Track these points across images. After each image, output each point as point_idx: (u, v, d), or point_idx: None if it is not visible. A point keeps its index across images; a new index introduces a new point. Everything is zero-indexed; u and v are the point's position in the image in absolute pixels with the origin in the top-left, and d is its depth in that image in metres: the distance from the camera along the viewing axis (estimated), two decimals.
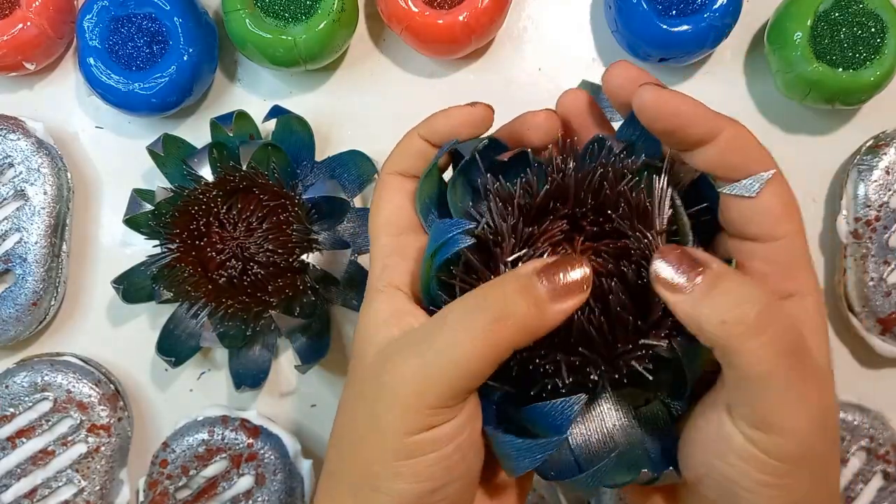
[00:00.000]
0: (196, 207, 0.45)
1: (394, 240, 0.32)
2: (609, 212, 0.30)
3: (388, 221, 0.32)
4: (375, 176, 0.51)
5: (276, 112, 0.49)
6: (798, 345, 0.27)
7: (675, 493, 0.32)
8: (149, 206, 0.48)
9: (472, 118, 0.33)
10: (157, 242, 0.47)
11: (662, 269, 0.27)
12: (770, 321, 0.26)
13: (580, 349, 0.28)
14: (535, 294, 0.27)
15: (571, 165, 0.30)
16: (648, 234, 0.29)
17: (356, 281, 0.49)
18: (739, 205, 0.29)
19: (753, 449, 0.27)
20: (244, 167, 0.46)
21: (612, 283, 0.28)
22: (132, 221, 0.48)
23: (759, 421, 0.27)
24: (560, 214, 0.30)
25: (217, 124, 0.48)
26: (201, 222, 0.45)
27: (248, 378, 0.48)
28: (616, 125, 0.33)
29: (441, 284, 0.31)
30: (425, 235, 0.33)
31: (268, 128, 0.50)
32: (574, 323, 0.28)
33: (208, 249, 0.45)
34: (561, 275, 0.27)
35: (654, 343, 0.28)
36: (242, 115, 0.48)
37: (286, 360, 0.52)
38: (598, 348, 0.28)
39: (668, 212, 0.29)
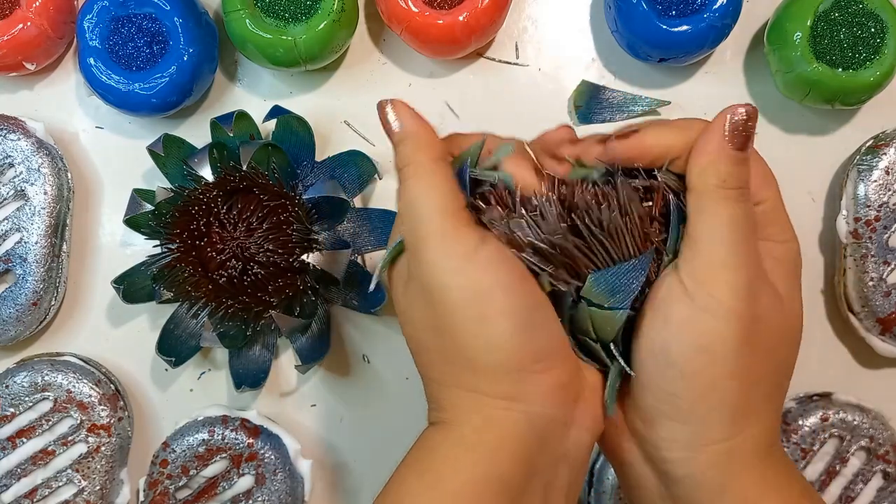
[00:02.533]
0: (196, 207, 0.45)
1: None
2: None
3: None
4: (376, 176, 0.51)
5: (276, 112, 0.49)
6: (755, 234, 0.32)
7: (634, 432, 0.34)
8: (149, 206, 0.48)
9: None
10: (157, 242, 0.47)
11: (736, 119, 0.32)
12: (750, 208, 0.32)
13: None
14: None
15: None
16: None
17: (356, 281, 0.49)
18: None
19: (689, 308, 0.31)
20: (244, 167, 0.46)
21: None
22: (132, 221, 0.48)
23: (701, 270, 0.31)
24: None
25: (217, 124, 0.48)
26: (201, 222, 0.45)
27: (248, 378, 0.48)
28: (610, 125, 0.38)
29: None
30: None
31: (268, 128, 0.50)
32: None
33: (208, 249, 0.45)
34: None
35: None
36: (242, 116, 0.48)
37: (286, 360, 0.52)
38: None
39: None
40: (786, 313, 0.33)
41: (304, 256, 0.46)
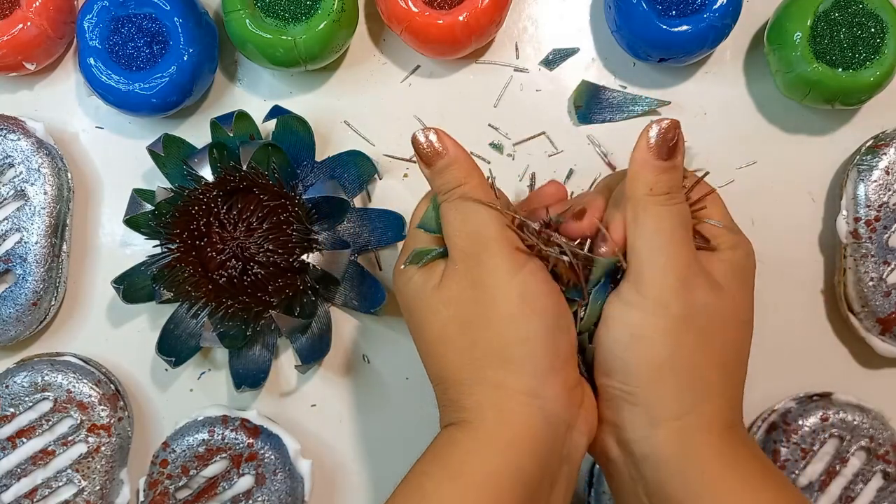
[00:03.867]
0: (196, 207, 0.45)
1: None
2: None
3: None
4: (376, 176, 0.51)
5: (276, 112, 0.49)
6: (686, 231, 0.36)
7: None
8: (149, 206, 0.48)
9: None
10: (157, 242, 0.47)
11: (653, 133, 0.37)
12: (682, 211, 0.36)
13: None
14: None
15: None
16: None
17: (356, 281, 0.49)
18: None
19: (626, 300, 0.36)
20: (244, 167, 0.46)
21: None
22: (132, 221, 0.48)
23: (633, 271, 0.36)
24: None
25: (217, 124, 0.48)
26: (201, 222, 0.45)
27: (248, 378, 0.48)
28: (610, 124, 0.41)
29: None
30: None
31: (268, 128, 0.50)
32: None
33: (208, 249, 0.45)
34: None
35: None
36: (242, 116, 0.48)
37: (286, 360, 0.52)
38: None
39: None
40: (726, 301, 0.36)
41: (304, 256, 0.46)
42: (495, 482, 0.33)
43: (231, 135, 0.48)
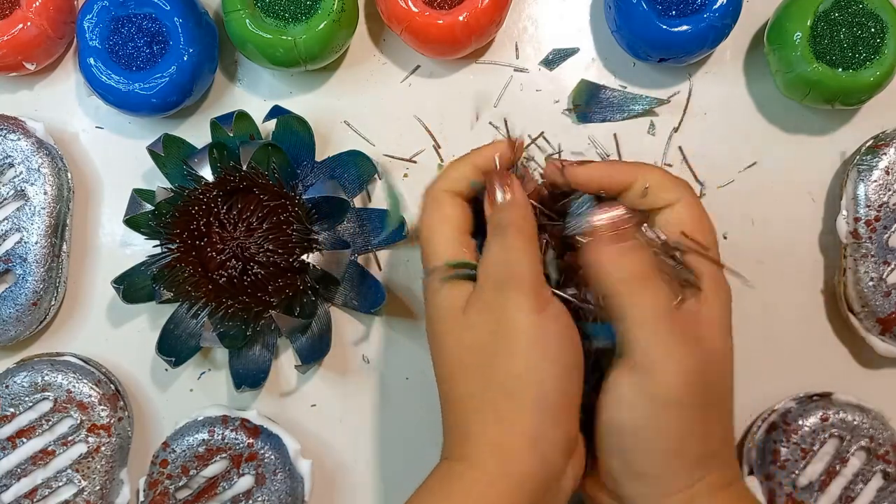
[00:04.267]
0: (196, 207, 0.45)
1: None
2: None
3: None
4: (376, 176, 0.51)
5: (276, 112, 0.49)
6: (671, 310, 0.36)
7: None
8: (149, 207, 0.48)
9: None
10: (157, 242, 0.47)
11: (602, 223, 0.38)
12: (657, 284, 0.36)
13: None
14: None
15: None
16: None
17: (356, 281, 0.49)
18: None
19: (633, 392, 0.35)
20: (244, 167, 0.46)
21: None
22: (132, 222, 0.48)
23: (637, 363, 0.35)
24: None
25: (217, 124, 0.48)
26: (201, 222, 0.45)
27: (248, 378, 0.48)
28: (610, 124, 0.42)
29: None
30: None
31: (268, 128, 0.50)
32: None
33: (208, 249, 0.45)
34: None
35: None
36: (242, 116, 0.48)
37: (286, 360, 0.52)
38: None
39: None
40: (720, 363, 0.37)
41: (304, 256, 0.47)
42: None
43: (231, 135, 0.48)
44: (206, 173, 0.48)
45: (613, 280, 0.36)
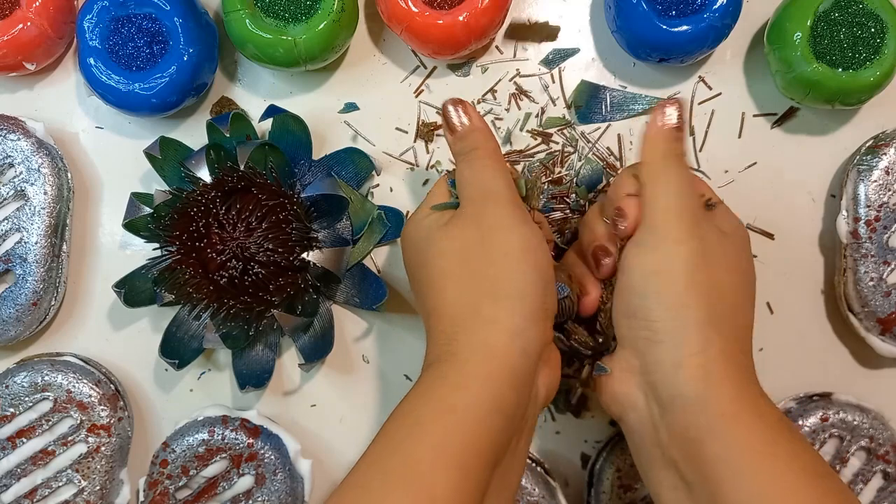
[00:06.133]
0: (195, 209, 0.45)
1: None
2: None
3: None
4: (374, 172, 0.51)
5: (272, 111, 0.49)
6: (694, 189, 0.40)
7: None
8: (148, 210, 0.48)
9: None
10: (157, 245, 0.47)
11: (666, 110, 0.41)
12: (686, 165, 0.41)
13: None
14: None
15: None
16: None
17: (357, 278, 0.49)
18: None
19: (639, 249, 0.39)
20: (242, 167, 0.46)
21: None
22: (131, 225, 0.48)
23: (650, 221, 0.39)
24: None
25: (214, 126, 0.48)
26: (201, 224, 0.45)
27: (253, 378, 0.48)
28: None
29: None
30: None
31: (264, 128, 0.50)
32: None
33: (208, 251, 0.45)
34: None
35: None
36: (238, 117, 0.48)
37: (287, 360, 0.52)
38: None
39: None
40: (732, 246, 0.40)
41: (304, 255, 0.47)
42: (478, 411, 0.35)
43: (228, 135, 0.48)
44: (204, 174, 0.48)
45: (659, 155, 0.40)
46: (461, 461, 0.34)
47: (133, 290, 0.48)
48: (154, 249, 0.47)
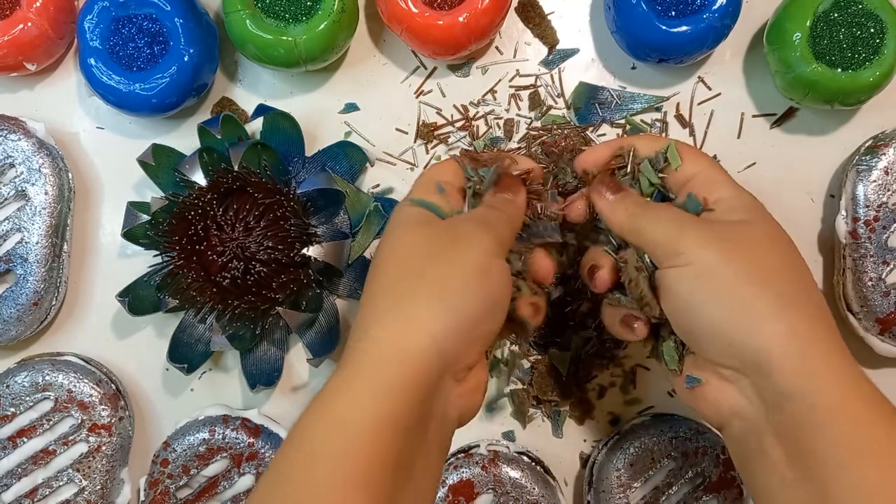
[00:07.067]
0: (192, 213, 0.45)
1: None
2: None
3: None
4: (368, 164, 0.50)
5: (261, 111, 0.49)
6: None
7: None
8: (145, 217, 0.48)
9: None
10: (157, 252, 0.47)
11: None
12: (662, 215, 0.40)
13: None
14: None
15: None
16: None
17: (359, 270, 0.49)
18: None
19: (674, 279, 0.38)
20: (235, 168, 0.46)
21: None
22: (130, 234, 0.48)
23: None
24: None
25: (205, 129, 0.48)
26: (199, 227, 0.45)
27: (262, 377, 0.48)
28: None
29: None
30: None
31: (254, 128, 0.50)
32: None
33: (209, 253, 0.45)
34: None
35: None
36: (229, 119, 0.48)
37: (294, 357, 0.52)
38: None
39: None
40: (755, 228, 0.39)
41: (304, 250, 0.47)
42: (372, 426, 0.34)
43: (219, 137, 0.48)
44: (199, 178, 0.48)
45: (623, 230, 0.40)
46: (363, 482, 0.33)
47: (137, 299, 0.48)
48: (154, 256, 0.47)
